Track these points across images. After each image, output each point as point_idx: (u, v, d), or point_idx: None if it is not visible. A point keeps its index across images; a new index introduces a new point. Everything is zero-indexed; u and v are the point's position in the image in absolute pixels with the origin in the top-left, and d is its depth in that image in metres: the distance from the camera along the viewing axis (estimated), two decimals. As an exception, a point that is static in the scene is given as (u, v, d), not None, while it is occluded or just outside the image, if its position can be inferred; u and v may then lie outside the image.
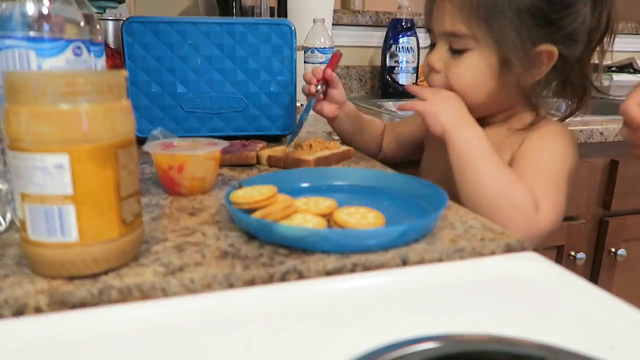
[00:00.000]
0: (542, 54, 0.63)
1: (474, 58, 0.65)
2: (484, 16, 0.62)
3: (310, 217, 0.44)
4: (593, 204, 1.22)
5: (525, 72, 0.63)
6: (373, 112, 1.33)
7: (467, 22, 0.63)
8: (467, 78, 0.66)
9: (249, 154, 0.68)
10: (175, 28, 0.75)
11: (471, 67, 0.65)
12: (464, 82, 0.66)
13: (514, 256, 0.42)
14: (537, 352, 0.28)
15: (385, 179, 0.56)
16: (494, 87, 0.66)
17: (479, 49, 0.64)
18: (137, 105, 0.77)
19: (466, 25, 0.63)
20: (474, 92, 0.66)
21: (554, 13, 0.61)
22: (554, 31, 0.62)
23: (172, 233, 0.44)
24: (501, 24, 0.62)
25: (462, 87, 0.66)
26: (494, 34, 0.62)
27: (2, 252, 0.40)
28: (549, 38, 0.62)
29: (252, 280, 0.37)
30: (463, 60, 0.65)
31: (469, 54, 0.65)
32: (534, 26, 0.61)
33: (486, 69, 0.65)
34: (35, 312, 0.34)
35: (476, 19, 0.63)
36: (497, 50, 0.63)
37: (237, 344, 0.30)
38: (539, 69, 0.64)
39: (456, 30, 0.64)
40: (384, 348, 0.28)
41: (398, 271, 0.40)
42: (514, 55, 0.62)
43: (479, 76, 0.65)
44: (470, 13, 0.63)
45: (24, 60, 0.39)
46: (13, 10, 0.38)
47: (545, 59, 0.63)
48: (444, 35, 0.67)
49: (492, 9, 0.61)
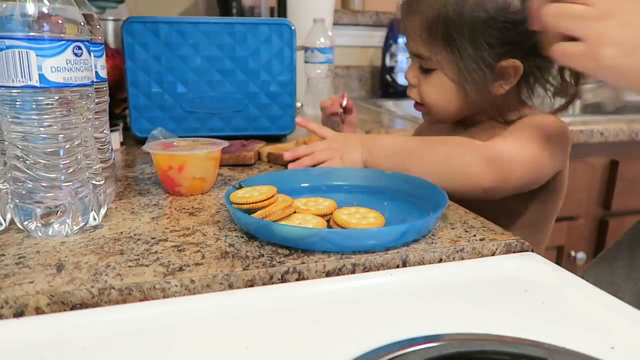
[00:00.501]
0: (506, 68, 0.64)
1: (439, 78, 0.67)
2: (441, 40, 0.64)
3: (310, 217, 0.44)
4: (593, 204, 1.22)
5: (487, 88, 0.65)
6: (373, 111, 1.33)
7: (427, 46, 0.66)
8: (435, 95, 0.69)
9: (246, 154, 0.68)
10: (175, 28, 0.75)
11: (438, 85, 0.68)
12: (433, 99, 0.69)
13: (514, 256, 0.42)
14: (537, 352, 0.28)
15: (385, 179, 0.56)
16: (459, 103, 0.68)
17: (442, 69, 0.66)
18: (137, 105, 0.77)
19: (426, 48, 0.66)
20: (443, 107, 0.69)
21: (509, 31, 0.62)
22: (514, 47, 0.63)
23: (172, 233, 0.44)
24: (456, 48, 0.63)
25: (432, 103, 0.70)
26: (452, 57, 0.64)
27: (2, 252, 0.40)
28: (510, 54, 0.63)
29: (252, 280, 0.37)
30: (431, 78, 0.68)
31: (435, 73, 0.68)
32: (490, 47, 0.62)
33: (450, 88, 0.67)
34: (35, 312, 0.34)
35: (435, 43, 0.65)
36: (454, 73, 0.65)
37: (237, 344, 0.30)
38: (507, 80, 0.65)
39: (419, 53, 0.67)
40: (384, 348, 0.28)
41: (398, 271, 0.40)
42: (467, 79, 0.64)
43: (445, 94, 0.68)
44: (428, 37, 0.65)
45: (24, 60, 0.39)
46: (13, 10, 0.38)
47: (511, 72, 0.64)
48: (413, 54, 0.70)
49: (447, 34, 0.63)
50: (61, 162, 0.42)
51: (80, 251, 0.40)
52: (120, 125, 0.82)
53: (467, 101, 0.67)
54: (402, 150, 0.61)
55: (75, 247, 0.41)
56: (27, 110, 0.40)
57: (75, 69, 0.41)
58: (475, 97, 0.65)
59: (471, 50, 0.63)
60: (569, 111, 1.63)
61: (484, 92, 0.65)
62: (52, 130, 0.41)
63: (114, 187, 0.53)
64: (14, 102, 0.40)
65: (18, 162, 0.41)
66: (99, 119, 0.50)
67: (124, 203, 0.52)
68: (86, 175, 0.44)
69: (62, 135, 0.42)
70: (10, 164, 0.42)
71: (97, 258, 0.39)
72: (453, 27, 0.62)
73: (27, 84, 0.39)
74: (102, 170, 0.47)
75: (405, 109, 1.48)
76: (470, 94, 0.65)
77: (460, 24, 0.62)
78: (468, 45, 0.62)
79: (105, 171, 0.50)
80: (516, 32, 0.61)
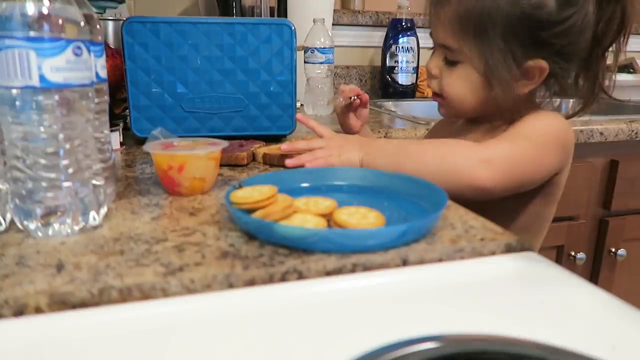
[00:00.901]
0: (532, 68, 0.64)
1: (465, 70, 0.66)
2: (472, 33, 0.63)
3: (310, 217, 0.44)
4: (593, 204, 1.22)
5: (512, 86, 0.64)
6: (373, 112, 1.33)
7: (457, 37, 0.65)
8: (459, 88, 0.68)
9: (239, 155, 0.68)
10: (175, 28, 0.75)
11: (462, 78, 0.67)
12: (455, 91, 0.68)
13: (514, 256, 0.42)
14: (537, 352, 0.28)
15: (385, 179, 0.56)
16: (481, 98, 0.67)
17: (469, 62, 0.66)
18: (137, 105, 0.77)
19: (456, 40, 0.65)
20: (465, 101, 0.69)
21: (542, 31, 0.61)
22: (543, 48, 0.62)
23: (172, 233, 0.44)
24: (487, 42, 0.63)
25: (453, 96, 0.69)
26: (480, 52, 0.64)
27: (2, 252, 0.40)
28: (539, 54, 0.63)
29: (252, 280, 0.37)
30: (455, 70, 0.67)
31: (461, 66, 0.67)
32: (521, 45, 0.62)
33: (476, 81, 0.66)
34: (35, 312, 0.33)
35: (466, 35, 0.64)
36: (483, 68, 0.64)
37: (237, 343, 0.30)
38: (531, 80, 0.65)
39: (447, 44, 0.67)
40: (384, 348, 0.28)
41: (398, 271, 0.40)
42: (496, 76, 0.63)
43: (469, 87, 0.67)
44: (460, 29, 0.64)
45: (24, 60, 0.39)
46: (13, 10, 0.38)
47: (536, 73, 0.64)
48: (439, 45, 0.69)
49: (480, 27, 0.62)
50: (61, 162, 0.42)
51: (80, 251, 0.40)
52: (120, 125, 0.82)
53: (489, 98, 0.66)
54: (398, 152, 0.61)
55: (75, 247, 0.41)
56: (27, 110, 0.40)
57: (75, 69, 0.41)
58: (499, 94, 0.64)
59: (503, 45, 0.62)
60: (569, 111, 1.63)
61: (509, 89, 0.64)
62: (52, 130, 0.41)
63: (114, 187, 0.53)
64: (14, 102, 0.40)
65: (18, 162, 0.41)
66: (99, 119, 0.50)
67: (124, 203, 0.52)
68: (86, 175, 0.44)
69: (62, 135, 0.42)
70: (10, 164, 0.42)
71: (97, 258, 0.39)
72: (487, 21, 0.62)
73: (27, 84, 0.39)
74: (102, 170, 0.47)
75: (406, 109, 1.48)
76: (495, 89, 0.64)
77: (495, 18, 0.61)
78: (500, 40, 0.62)
79: (105, 171, 0.50)
80: (547, 33, 0.61)
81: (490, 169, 0.57)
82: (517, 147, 0.60)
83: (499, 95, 0.65)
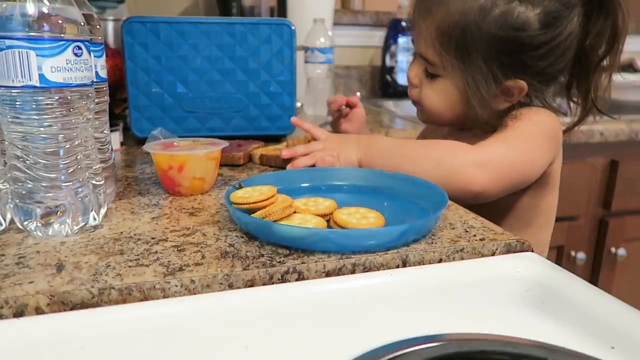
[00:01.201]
0: (512, 87, 0.64)
1: (444, 85, 0.67)
2: (454, 50, 0.63)
3: (310, 217, 0.44)
4: (593, 204, 1.22)
5: (490, 103, 0.64)
6: (373, 112, 1.33)
7: (438, 52, 0.65)
8: (437, 101, 0.68)
9: (235, 155, 0.68)
10: (175, 28, 0.75)
11: (441, 92, 0.67)
12: (433, 104, 0.69)
13: (514, 256, 0.42)
14: (537, 352, 0.28)
15: (385, 179, 0.56)
16: (462, 110, 0.68)
17: (449, 78, 0.66)
18: (137, 105, 0.77)
19: (437, 55, 0.65)
20: (442, 113, 0.69)
21: (522, 54, 0.61)
22: (523, 70, 0.62)
23: (172, 233, 0.44)
24: (467, 60, 0.63)
25: (431, 108, 0.69)
26: (462, 69, 0.64)
27: (2, 252, 0.40)
28: (519, 75, 0.63)
29: (252, 280, 0.37)
30: (435, 83, 0.68)
31: (440, 80, 0.67)
32: (501, 65, 0.62)
33: (454, 97, 0.67)
34: (35, 312, 0.33)
35: (447, 51, 0.64)
36: (462, 86, 0.65)
37: (237, 344, 0.30)
38: (510, 97, 0.65)
39: (428, 57, 0.66)
40: (384, 348, 0.28)
41: (398, 271, 0.40)
42: (475, 95, 0.63)
43: (446, 102, 0.68)
44: (441, 44, 0.64)
45: (24, 60, 0.39)
46: (13, 10, 0.38)
47: (515, 92, 0.64)
48: (420, 55, 0.69)
49: (462, 45, 0.62)
50: (61, 162, 0.42)
51: (80, 251, 0.40)
52: (120, 125, 0.82)
53: (465, 113, 0.67)
54: (396, 153, 0.61)
55: (75, 247, 0.41)
56: (27, 110, 0.40)
57: (75, 69, 0.41)
58: (477, 110, 0.65)
59: (483, 66, 0.62)
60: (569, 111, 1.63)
61: (487, 106, 0.64)
62: (52, 130, 0.41)
63: (114, 187, 0.53)
64: (14, 102, 0.40)
65: (18, 162, 0.41)
66: (99, 119, 0.50)
67: (124, 203, 0.52)
68: (86, 175, 0.44)
69: (62, 135, 0.42)
70: (10, 164, 0.42)
71: (97, 258, 0.39)
72: (469, 39, 0.61)
73: (27, 84, 0.39)
74: (102, 170, 0.47)
75: (406, 109, 1.48)
76: (473, 106, 0.64)
77: (477, 37, 0.61)
78: (481, 60, 0.62)
79: (105, 171, 0.50)
80: (529, 55, 0.61)
81: (486, 173, 0.57)
82: (511, 149, 0.60)
83: (476, 111, 0.65)
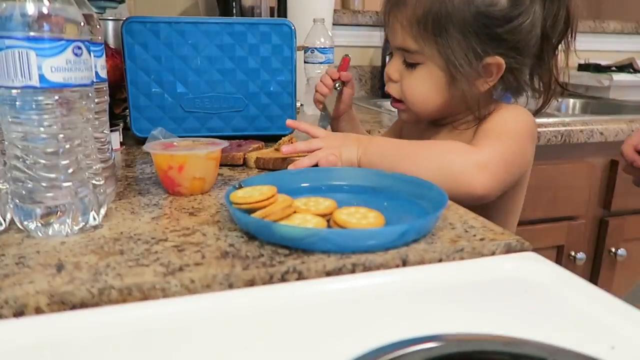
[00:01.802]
0: (490, 65, 0.65)
1: (426, 70, 0.67)
2: (431, 32, 0.64)
3: (310, 217, 0.44)
4: (593, 204, 1.22)
5: (474, 82, 0.66)
6: (373, 112, 1.33)
7: (415, 39, 0.66)
8: (419, 90, 0.69)
9: (235, 155, 0.68)
10: (175, 28, 0.75)
11: (422, 80, 0.68)
12: (416, 93, 0.69)
13: (514, 256, 0.42)
14: (537, 352, 0.28)
15: (385, 179, 0.56)
16: (445, 97, 0.68)
17: (428, 63, 0.67)
18: (137, 105, 0.77)
19: (414, 42, 0.66)
20: (425, 102, 0.69)
21: (497, 28, 0.63)
22: (499, 44, 0.64)
23: (172, 233, 0.44)
24: (446, 41, 0.64)
25: (414, 98, 0.70)
26: (440, 50, 0.65)
27: (2, 252, 0.40)
28: (495, 51, 0.64)
29: (252, 280, 0.37)
30: (415, 73, 0.68)
31: (420, 68, 0.68)
32: (479, 41, 0.64)
33: (437, 82, 0.67)
34: (35, 312, 0.34)
35: (423, 36, 0.65)
36: (445, 66, 0.65)
37: (237, 344, 0.30)
38: (488, 78, 0.66)
39: (406, 46, 0.67)
40: (384, 348, 0.28)
41: (398, 271, 0.40)
42: (460, 71, 0.65)
43: (430, 88, 0.68)
44: (417, 30, 0.65)
45: (24, 60, 0.39)
46: (13, 10, 0.38)
47: (494, 70, 0.65)
48: (397, 48, 0.69)
49: (437, 27, 0.64)
50: (61, 162, 0.42)
51: (80, 251, 0.40)
52: (120, 125, 0.82)
53: (454, 95, 0.67)
54: (396, 153, 0.62)
55: (75, 247, 0.41)
56: (27, 110, 0.40)
57: (75, 69, 0.41)
58: (464, 89, 0.66)
59: (462, 41, 0.64)
60: (569, 111, 1.63)
61: (472, 87, 0.66)
62: (52, 130, 0.41)
63: (114, 187, 0.54)
64: (14, 102, 0.40)
65: (18, 162, 0.41)
66: (99, 119, 0.50)
67: (124, 203, 0.52)
68: (86, 175, 0.44)
69: (62, 135, 0.42)
70: (10, 164, 0.42)
71: (97, 258, 0.39)
72: (445, 19, 0.63)
73: (27, 84, 0.39)
74: (102, 170, 0.47)
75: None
76: (461, 84, 0.65)
77: (452, 16, 0.63)
78: (459, 36, 0.63)
79: (105, 171, 0.50)
80: (502, 29, 0.63)
81: (488, 175, 0.58)
82: (506, 148, 0.62)
83: (463, 92, 0.66)
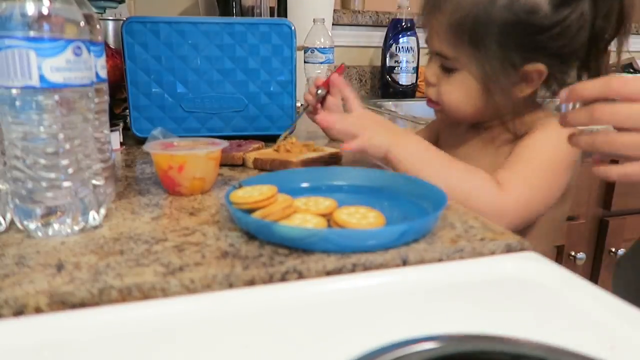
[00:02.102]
0: (530, 72, 0.63)
1: (462, 78, 0.66)
2: (468, 41, 0.63)
3: (310, 217, 0.44)
4: (593, 204, 1.22)
5: (511, 90, 0.64)
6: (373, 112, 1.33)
7: (452, 46, 0.65)
8: (455, 96, 0.68)
9: (235, 155, 0.68)
10: (175, 28, 0.75)
11: (459, 85, 0.67)
12: (452, 99, 0.68)
13: (514, 256, 0.42)
14: (537, 352, 0.28)
15: (385, 179, 0.56)
16: (478, 106, 0.67)
17: (466, 70, 0.66)
18: (137, 105, 0.77)
19: (452, 49, 0.65)
20: (459, 109, 0.69)
21: (538, 35, 0.61)
22: (540, 52, 0.62)
23: (172, 233, 0.44)
24: (485, 49, 0.62)
25: (451, 103, 0.69)
26: (479, 58, 0.63)
27: (2, 252, 0.40)
28: (536, 58, 0.62)
29: (252, 280, 0.37)
30: (452, 78, 0.67)
31: (457, 74, 0.66)
32: (518, 49, 0.62)
33: (474, 89, 0.66)
34: (35, 312, 0.33)
35: (461, 44, 0.64)
36: (480, 76, 0.64)
37: (237, 344, 0.30)
38: (530, 84, 0.65)
39: (443, 52, 0.66)
40: (384, 348, 0.28)
41: (398, 271, 0.40)
42: (497, 79, 0.63)
43: (466, 94, 0.67)
44: (454, 37, 0.64)
45: (24, 60, 0.39)
46: (13, 10, 0.38)
47: (534, 77, 0.64)
48: (434, 52, 0.69)
49: (475, 35, 0.62)
50: (61, 162, 0.42)
51: (80, 251, 0.40)
52: (120, 125, 0.82)
53: (487, 104, 0.66)
54: (426, 158, 0.60)
55: (75, 247, 0.41)
56: (27, 110, 0.40)
57: (75, 69, 0.41)
58: (498, 100, 0.64)
59: (499, 52, 0.62)
60: (569, 111, 1.63)
61: (507, 94, 0.64)
62: (52, 130, 0.41)
63: (114, 187, 0.53)
64: (14, 102, 0.40)
65: (18, 162, 0.41)
66: (99, 119, 0.50)
67: (124, 203, 0.52)
68: (86, 175, 0.44)
69: (62, 135, 0.42)
70: (10, 164, 0.42)
71: (97, 258, 0.39)
72: (482, 28, 0.61)
73: (27, 84, 0.39)
74: (102, 170, 0.47)
75: (406, 109, 1.48)
76: (494, 95, 0.64)
77: (489, 25, 0.61)
78: (496, 47, 0.62)
79: (105, 171, 0.50)
80: (543, 36, 0.61)
81: (505, 222, 0.57)
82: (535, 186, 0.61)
83: (497, 101, 0.64)
